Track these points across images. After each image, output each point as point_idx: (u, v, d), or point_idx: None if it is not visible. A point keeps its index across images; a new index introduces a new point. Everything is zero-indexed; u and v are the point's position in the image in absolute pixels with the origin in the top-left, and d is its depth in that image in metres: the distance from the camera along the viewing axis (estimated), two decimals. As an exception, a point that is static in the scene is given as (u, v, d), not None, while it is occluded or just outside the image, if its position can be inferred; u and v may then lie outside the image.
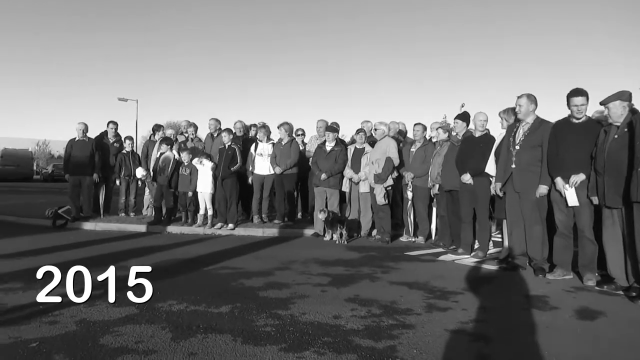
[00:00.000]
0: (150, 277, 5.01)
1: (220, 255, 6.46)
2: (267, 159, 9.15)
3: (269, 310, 3.90)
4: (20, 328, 3.36)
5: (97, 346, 3.07)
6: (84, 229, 8.99)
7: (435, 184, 7.35)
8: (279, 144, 9.15)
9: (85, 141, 9.69)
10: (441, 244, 7.41)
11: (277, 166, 8.96)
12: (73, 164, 9.63)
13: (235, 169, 8.71)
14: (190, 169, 8.98)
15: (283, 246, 7.42)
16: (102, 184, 9.90)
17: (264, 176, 9.20)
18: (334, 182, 8.33)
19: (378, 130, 8.10)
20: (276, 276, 5.22)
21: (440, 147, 7.41)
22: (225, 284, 4.80)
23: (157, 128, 10.44)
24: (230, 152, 8.73)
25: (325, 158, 8.35)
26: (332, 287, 4.73)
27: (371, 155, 8.07)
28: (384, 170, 7.74)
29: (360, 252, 6.91)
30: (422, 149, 7.80)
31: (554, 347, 3.20)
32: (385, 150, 7.83)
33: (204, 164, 8.82)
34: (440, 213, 7.55)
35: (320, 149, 8.53)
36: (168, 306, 3.96)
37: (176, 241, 7.69)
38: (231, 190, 8.76)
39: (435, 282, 5.04)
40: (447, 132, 7.53)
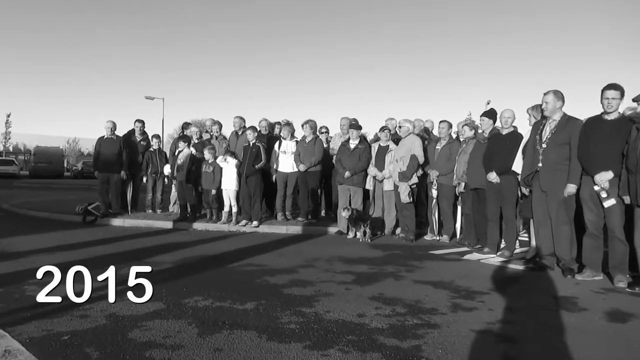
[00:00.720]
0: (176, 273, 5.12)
1: (244, 252, 6.52)
2: (291, 157, 9.18)
3: (293, 307, 3.91)
4: (52, 321, 3.46)
5: (126, 340, 3.14)
6: (112, 225, 9.18)
7: (460, 182, 7.26)
8: (302, 142, 9.17)
9: (113, 139, 9.88)
10: (466, 242, 7.32)
11: (302, 164, 8.98)
12: (102, 162, 9.84)
13: (259, 166, 8.77)
14: (214, 166, 9.08)
15: (307, 244, 7.44)
16: (129, 181, 10.09)
17: (288, 174, 9.23)
18: (357, 180, 8.31)
19: (403, 127, 8.04)
20: (300, 274, 5.24)
21: (466, 144, 7.32)
22: (250, 281, 4.84)
23: (185, 126, 10.60)
24: (255, 149, 8.79)
25: (349, 156, 8.34)
26: (356, 285, 4.73)
27: (395, 153, 8.02)
28: (409, 168, 7.69)
29: (384, 251, 6.88)
30: (448, 147, 7.71)
31: (583, 349, 3.13)
32: (410, 147, 7.78)
33: (228, 161, 8.90)
34: (465, 211, 7.46)
35: (344, 146, 8.52)
36: (194, 302, 4.01)
37: (201, 238, 7.78)
38: (255, 188, 8.82)
39: (461, 281, 4.99)
40: (473, 130, 7.43)
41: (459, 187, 7.36)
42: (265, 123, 9.88)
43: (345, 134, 9.07)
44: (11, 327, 3.32)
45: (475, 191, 6.99)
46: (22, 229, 8.27)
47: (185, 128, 10.55)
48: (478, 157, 6.78)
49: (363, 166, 8.29)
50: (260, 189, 8.89)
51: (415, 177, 7.76)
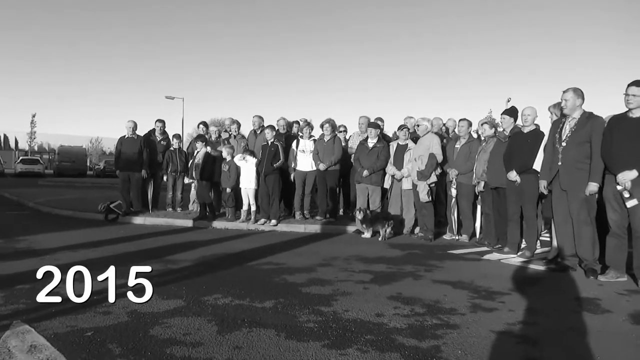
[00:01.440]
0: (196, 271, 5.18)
1: (263, 251, 6.56)
2: (309, 156, 9.20)
3: (311, 306, 3.93)
4: (76, 317, 3.53)
5: (147, 337, 3.19)
6: (134, 223, 9.32)
7: (480, 181, 7.19)
8: (321, 141, 9.18)
9: (134, 139, 10.02)
10: (486, 242, 7.25)
11: (321, 162, 8.99)
12: (123, 161, 10.00)
13: (277, 165, 8.81)
14: (229, 165, 9.15)
15: (325, 243, 7.45)
16: (150, 180, 10.23)
17: (306, 172, 9.25)
18: (376, 179, 8.28)
19: (421, 126, 7.98)
20: (318, 272, 5.25)
21: (486, 143, 7.24)
22: (268, 279, 4.87)
23: (201, 125, 10.71)
24: (273, 148, 8.83)
25: (368, 154, 8.32)
26: (374, 285, 4.73)
27: (414, 152, 7.97)
28: (427, 167, 7.64)
29: (403, 250, 6.86)
30: (467, 146, 7.64)
31: (606, 352, 3.08)
32: (429, 146, 7.73)
33: (247, 160, 8.95)
34: (485, 211, 7.38)
35: (362, 145, 8.51)
36: (214, 300, 4.05)
37: (220, 236, 7.85)
38: (274, 187, 8.86)
39: (480, 281, 4.95)
40: (494, 128, 7.35)
41: (478, 186, 7.28)
42: (284, 122, 9.91)
43: (364, 133, 9.05)
44: (37, 322, 3.40)
45: (495, 190, 6.91)
46: (46, 227, 8.45)
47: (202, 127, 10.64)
48: (498, 155, 6.70)
49: (381, 165, 8.26)
50: (278, 188, 8.93)
51: (434, 175, 7.71)
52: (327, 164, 8.97)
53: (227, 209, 9.32)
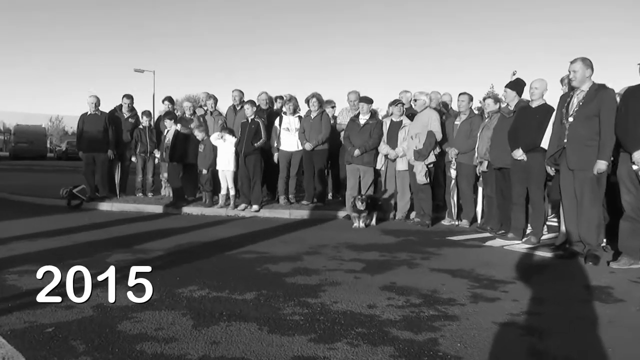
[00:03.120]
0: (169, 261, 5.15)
1: (243, 239, 6.55)
2: (294, 134, 9.15)
3: (297, 297, 3.93)
4: (35, 312, 3.48)
5: (115, 332, 3.15)
6: (100, 210, 9.26)
7: (482, 160, 7.21)
8: (307, 118, 9.13)
9: (98, 115, 9.87)
10: (488, 228, 7.30)
11: (307, 142, 8.96)
12: (86, 140, 9.86)
13: (259, 144, 8.75)
14: (205, 145, 9.08)
15: (312, 229, 7.46)
16: (117, 162, 10.11)
17: (291, 153, 9.22)
18: (368, 159, 8.28)
19: (418, 100, 7.96)
20: (305, 261, 5.26)
21: (489, 119, 7.25)
22: (249, 269, 4.87)
23: (168, 101, 10.55)
24: (254, 126, 8.76)
25: (359, 132, 8.30)
26: (366, 274, 4.74)
27: (410, 129, 7.96)
28: (425, 146, 7.64)
29: (397, 237, 6.89)
30: (468, 122, 7.64)
31: (618, 344, 3.12)
32: (427, 123, 7.72)
33: (225, 139, 8.88)
34: (487, 193, 7.42)
35: (353, 122, 8.47)
36: (189, 292, 4.03)
37: (196, 223, 7.82)
38: (255, 168, 8.82)
39: (482, 269, 4.98)
40: (498, 103, 7.35)
41: (480, 166, 7.31)
42: (266, 97, 9.82)
43: (354, 109, 9.02)
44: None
45: (499, 171, 6.94)
46: (2, 214, 8.33)
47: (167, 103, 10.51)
48: (503, 132, 6.71)
49: (374, 144, 8.25)
50: (260, 170, 8.89)
51: (432, 155, 7.72)
52: (314, 143, 8.93)
53: (204, 193, 9.27)
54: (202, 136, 9.14)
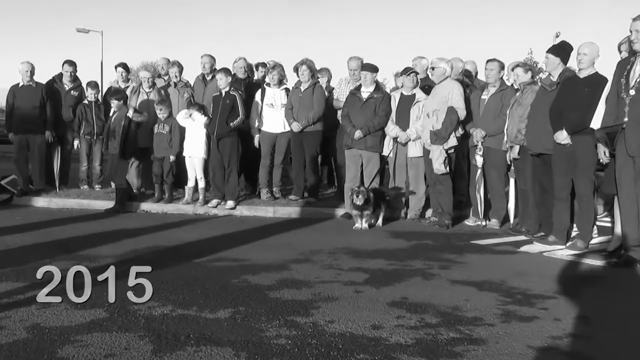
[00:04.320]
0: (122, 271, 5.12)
1: (216, 243, 6.54)
2: (280, 111, 9.13)
3: (283, 316, 3.92)
4: (-49, 335, 3.46)
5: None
6: (34, 206, 9.22)
7: (514, 145, 7.22)
8: (296, 91, 9.10)
9: (32, 87, 9.79)
10: (523, 229, 7.33)
11: (295, 121, 8.94)
12: (17, 119, 9.77)
13: (235, 124, 8.72)
14: (170, 125, 9.04)
15: (302, 231, 7.46)
16: (56, 146, 10.05)
17: (276, 135, 9.19)
18: (372, 143, 8.27)
19: (437, 69, 7.94)
20: (293, 271, 5.26)
21: (523, 93, 7.25)
22: (223, 281, 4.86)
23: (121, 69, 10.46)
24: (229, 101, 8.73)
25: (361, 109, 8.28)
26: (369, 287, 4.74)
27: (426, 105, 7.96)
28: (445, 126, 7.63)
29: (409, 240, 6.90)
30: (498, 96, 7.64)
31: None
32: (447, 97, 7.71)
33: (194, 118, 8.84)
34: (521, 186, 7.44)
35: (353, 96, 8.45)
36: (147, 309, 4.01)
37: (156, 223, 7.80)
38: (230, 155, 8.79)
39: (515, 281, 5.00)
40: (529, 72, 7.34)
41: (512, 152, 7.31)
42: (243, 63, 9.77)
43: (356, 80, 8.99)
44: None
45: (536, 157, 6.95)
46: None
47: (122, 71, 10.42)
48: (541, 109, 6.71)
49: (380, 123, 8.24)
50: (237, 156, 8.87)
51: (453, 138, 7.71)
52: (304, 122, 8.91)
53: (165, 186, 9.24)
54: (164, 114, 9.09)
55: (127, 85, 10.30)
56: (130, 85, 10.34)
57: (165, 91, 9.83)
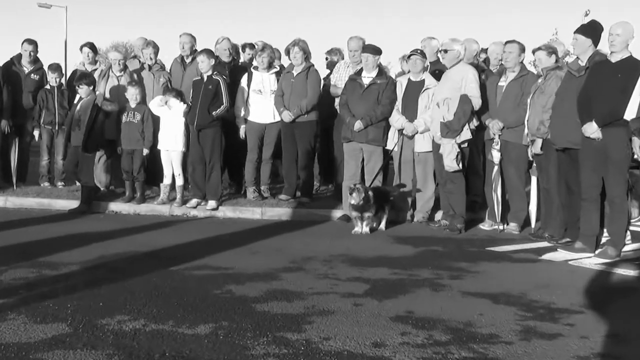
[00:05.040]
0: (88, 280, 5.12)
1: (195, 248, 6.55)
2: (270, 98, 9.13)
3: (272, 332, 3.92)
4: None
5: (8, 382, 3.13)
6: (-13, 206, 9.19)
7: (537, 138, 7.22)
8: (288, 75, 9.10)
9: (-15, 69, 9.77)
10: (546, 234, 7.32)
11: (286, 109, 8.93)
12: (-32, 106, 9.74)
13: (218, 113, 8.71)
14: (142, 113, 9.02)
15: (294, 236, 7.48)
16: (14, 137, 10.00)
17: (265, 125, 9.20)
18: (375, 135, 8.27)
19: (449, 52, 7.93)
20: (283, 281, 5.26)
21: (546, 79, 7.25)
22: (203, 292, 4.85)
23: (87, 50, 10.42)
24: (212, 86, 8.71)
25: (362, 97, 8.27)
26: (370, 299, 4.75)
27: (436, 93, 7.95)
28: (457, 117, 7.62)
29: (416, 246, 6.90)
30: (518, 83, 7.64)
31: None
32: (460, 84, 7.70)
33: (170, 105, 8.82)
34: (544, 186, 7.43)
35: (353, 82, 8.44)
36: (117, 324, 4.01)
37: (127, 225, 7.80)
38: (212, 148, 8.78)
39: (537, 293, 5.00)
40: (553, 56, 7.33)
41: (534, 146, 7.31)
42: (228, 44, 9.76)
43: (356, 63, 8.99)
44: None
45: (562, 153, 6.96)
46: None
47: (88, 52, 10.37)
48: (567, 98, 6.71)
49: (384, 113, 8.24)
50: (219, 150, 8.87)
51: (467, 130, 7.71)
52: (296, 111, 8.90)
53: (137, 183, 9.22)
54: (135, 100, 9.06)
55: (95, 68, 10.25)
56: (98, 68, 10.30)
57: (139, 75, 9.80)
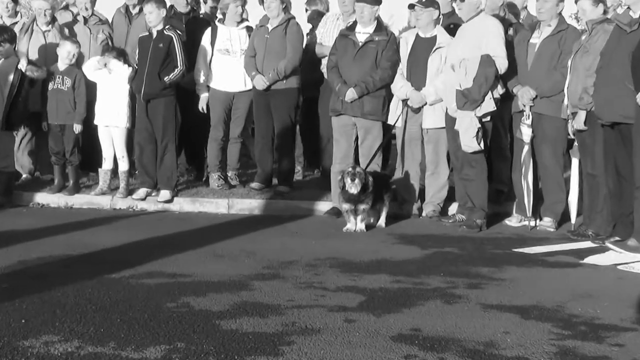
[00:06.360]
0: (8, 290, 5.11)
1: (144, 251, 6.55)
2: (239, 60, 9.14)
3: (240, 356, 3.91)
4: None
5: None
6: None
7: (579, 110, 7.23)
8: (262, 30, 9.10)
9: None
10: (590, 232, 7.35)
11: (259, 74, 8.92)
12: None
13: (172, 79, 8.71)
14: (74, 78, 8.99)
15: (269, 234, 7.50)
16: None
17: (232, 95, 9.22)
18: (372, 107, 8.27)
19: (467, 1, 7.90)
20: (255, 291, 5.26)
21: (591, 35, 7.25)
22: (154, 306, 4.84)
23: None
24: (163, 45, 8.70)
25: (356, 58, 8.27)
26: (366, 315, 4.75)
27: (450, 53, 7.97)
28: (477, 83, 7.61)
29: (424, 248, 6.92)
30: (555, 40, 7.64)
31: None
32: (480, 41, 7.70)
33: (110, 69, 8.81)
34: (588, 170, 7.44)
35: (345, 39, 8.43)
36: (43, 346, 3.99)
37: (57, 222, 7.81)
38: (165, 124, 8.79)
39: (578, 306, 5.02)
40: (600, 4, 7.34)
41: (575, 120, 7.32)
42: (184, -9, 9.74)
43: (348, 14, 8.98)
44: None
45: (610, 129, 6.97)
46: None
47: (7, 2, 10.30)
48: (617, 59, 6.73)
49: (383, 79, 8.25)
50: (174, 126, 8.90)
51: (489, 101, 7.71)
52: (272, 76, 8.90)
53: (69, 168, 9.18)
54: (67, 61, 9.01)
55: (15, 22, 10.18)
56: (19, 21, 10.23)
57: (71, 30, 9.75)
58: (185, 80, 9.01)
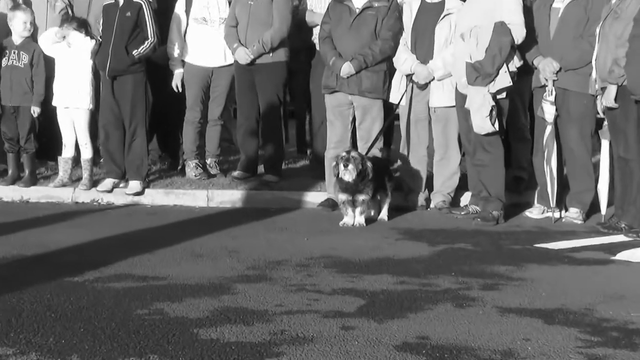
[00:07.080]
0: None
1: (111, 250, 6.55)
2: (219, 30, 9.14)
3: (222, 370, 3.92)
4: None
5: None
6: None
7: (609, 84, 7.22)
8: (244, -4, 9.07)
9: None
10: (623, 224, 7.36)
11: (242, 46, 8.92)
12: None
13: (142, 53, 8.71)
14: (31, 53, 8.99)
15: (254, 229, 7.52)
16: None
17: (211, 70, 9.23)
18: (371, 84, 8.27)
19: (478, -40, 7.92)
20: (239, 295, 5.27)
21: (619, 0, 7.24)
22: (123, 313, 4.84)
23: None
24: (131, 13, 8.69)
25: (352, 27, 8.28)
26: (366, 321, 4.75)
27: (460, 21, 7.96)
28: (491, 55, 7.61)
29: (433, 244, 6.94)
30: (580, 5, 7.63)
31: None
32: (494, 6, 7.69)
33: (70, 42, 8.79)
34: (620, 154, 7.44)
35: (340, 6, 8.44)
36: (-8, 362, 4.00)
37: (10, 218, 7.83)
38: (134, 105, 8.80)
39: (609, 309, 5.03)
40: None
41: (605, 97, 7.32)
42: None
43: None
44: None
45: (643, 106, 6.99)
46: None
47: None
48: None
49: (384, 51, 8.26)
50: (144, 107, 8.90)
51: (505, 75, 7.70)
52: (257, 48, 8.89)
53: (24, 157, 9.17)
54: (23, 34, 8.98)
55: None
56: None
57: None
58: (157, 54, 9.01)
